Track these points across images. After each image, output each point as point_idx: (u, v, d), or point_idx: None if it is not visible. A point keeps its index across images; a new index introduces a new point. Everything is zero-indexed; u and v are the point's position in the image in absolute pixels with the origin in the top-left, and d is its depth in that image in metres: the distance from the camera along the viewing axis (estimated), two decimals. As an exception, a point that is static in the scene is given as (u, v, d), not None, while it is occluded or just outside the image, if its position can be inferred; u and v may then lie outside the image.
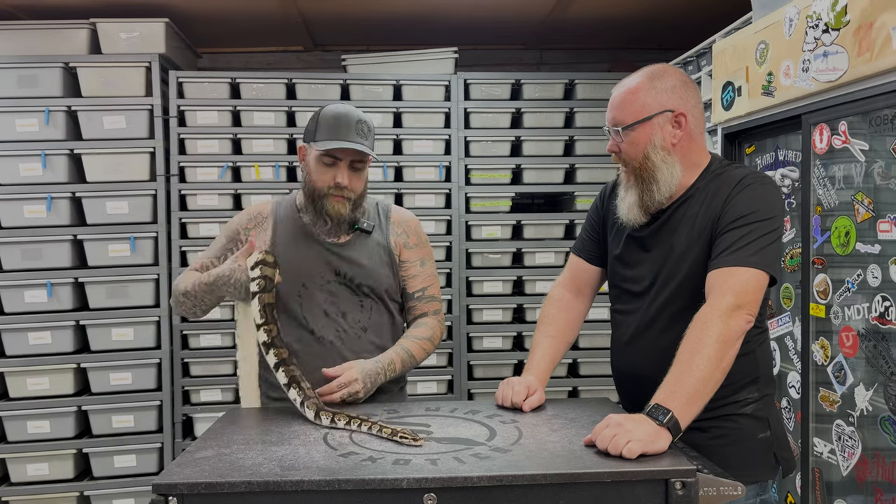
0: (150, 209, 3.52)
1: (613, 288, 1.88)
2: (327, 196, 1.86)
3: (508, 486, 1.31)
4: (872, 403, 1.94)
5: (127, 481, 3.49)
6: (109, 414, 3.49)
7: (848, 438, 2.02)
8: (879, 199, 1.90)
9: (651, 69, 1.73)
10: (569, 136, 3.77)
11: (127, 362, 3.50)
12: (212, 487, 1.28)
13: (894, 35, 1.73)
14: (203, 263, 1.98)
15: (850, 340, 2.01)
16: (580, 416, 1.69)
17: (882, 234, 1.87)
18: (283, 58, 4.48)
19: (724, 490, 1.38)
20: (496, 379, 3.75)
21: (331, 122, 1.85)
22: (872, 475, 1.93)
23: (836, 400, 2.07)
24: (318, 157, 1.86)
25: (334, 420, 1.62)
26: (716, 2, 3.50)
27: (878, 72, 1.79)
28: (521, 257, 3.78)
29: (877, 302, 1.89)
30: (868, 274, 1.93)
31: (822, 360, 2.13)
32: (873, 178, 1.93)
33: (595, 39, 4.35)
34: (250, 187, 3.60)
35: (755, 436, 1.71)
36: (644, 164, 1.70)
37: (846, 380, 2.03)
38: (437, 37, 4.13)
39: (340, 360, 1.88)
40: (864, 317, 1.95)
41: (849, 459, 2.02)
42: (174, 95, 3.56)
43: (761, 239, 1.58)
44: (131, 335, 3.52)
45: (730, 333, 1.50)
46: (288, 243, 1.92)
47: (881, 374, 1.90)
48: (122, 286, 3.51)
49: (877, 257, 1.90)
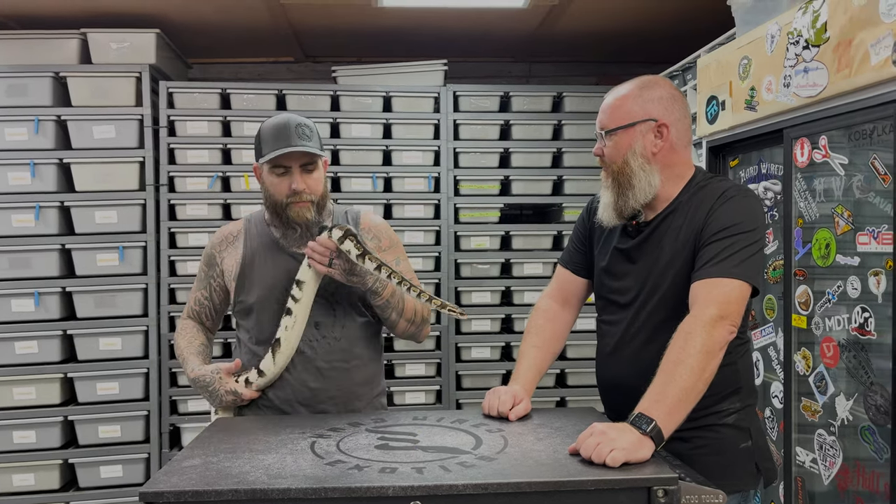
0: (139, 218, 3.53)
1: (600, 299, 1.90)
2: (289, 205, 1.88)
3: (493, 494, 1.32)
4: (853, 413, 1.96)
5: (113, 492, 3.48)
6: (96, 424, 3.47)
7: (829, 448, 2.05)
8: (859, 212, 1.94)
9: (643, 79, 1.76)
10: (557, 149, 3.80)
11: (114, 372, 3.49)
12: (198, 496, 1.29)
13: (872, 52, 1.77)
14: (196, 299, 2.06)
15: (830, 351, 2.04)
16: (565, 426, 1.71)
17: (861, 247, 1.90)
18: (274, 69, 4.50)
19: (706, 499, 1.40)
20: (484, 389, 3.74)
21: (271, 133, 1.88)
22: (853, 484, 1.96)
23: (817, 410, 2.10)
24: (269, 171, 1.89)
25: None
26: (701, 16, 3.55)
27: (857, 87, 1.83)
28: (510, 268, 3.80)
29: (856, 313, 1.93)
30: (848, 285, 1.97)
31: (804, 371, 2.16)
32: (853, 191, 1.96)
33: (583, 53, 4.40)
34: (240, 197, 3.61)
35: (737, 446, 1.73)
36: (623, 169, 1.73)
37: (827, 390, 2.06)
38: (426, 49, 4.17)
39: (314, 370, 1.90)
40: (844, 327, 1.98)
41: (830, 469, 2.04)
42: (164, 105, 3.57)
43: (744, 250, 1.60)
44: (119, 345, 3.52)
45: (713, 344, 1.52)
46: (260, 258, 1.95)
47: (861, 384, 1.93)
48: (111, 295, 3.51)
49: (856, 269, 1.93)
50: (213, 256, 2.00)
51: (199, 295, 2.04)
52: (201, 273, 2.03)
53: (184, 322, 2.09)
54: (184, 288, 3.56)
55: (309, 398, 1.90)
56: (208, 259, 2.02)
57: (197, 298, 2.05)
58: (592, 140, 3.75)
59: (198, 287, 2.05)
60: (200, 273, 2.04)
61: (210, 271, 2.00)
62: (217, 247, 2.00)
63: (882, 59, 1.73)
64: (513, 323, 3.80)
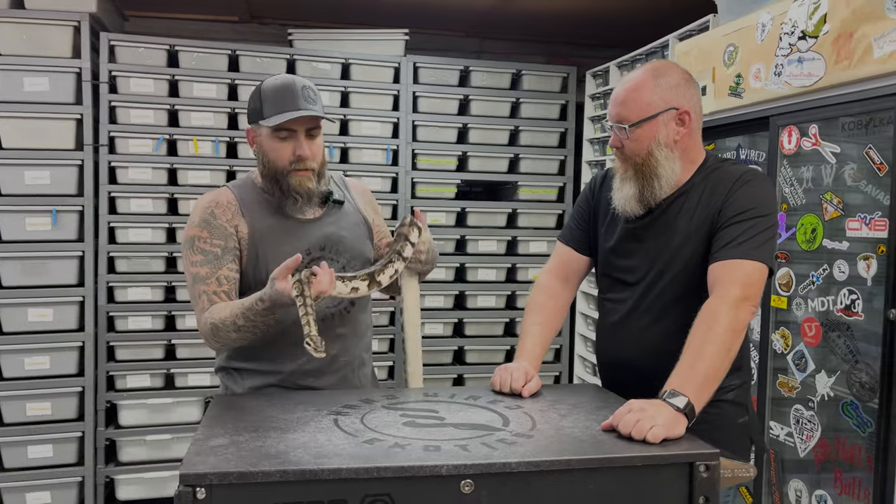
0: (75, 181, 3.26)
1: (605, 277, 1.91)
2: (290, 173, 1.76)
3: (545, 472, 1.31)
4: (833, 389, 2.08)
5: (43, 473, 3.24)
6: (23, 401, 3.22)
7: (807, 422, 2.16)
8: (849, 199, 2.04)
9: (654, 65, 1.76)
10: (514, 126, 3.80)
11: (45, 345, 3.23)
12: (244, 477, 1.21)
13: (875, 45, 1.85)
14: (221, 278, 1.75)
15: (812, 330, 2.14)
16: (581, 402, 1.71)
17: (851, 232, 2.00)
18: (215, 27, 4.25)
19: (738, 472, 1.45)
20: (436, 365, 3.76)
21: (275, 94, 1.75)
22: (832, 456, 2.07)
23: (795, 386, 2.21)
24: (271, 135, 1.76)
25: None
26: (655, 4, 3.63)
27: (858, 79, 1.91)
28: (465, 244, 3.79)
29: (843, 295, 2.03)
30: (835, 269, 2.07)
31: (783, 349, 2.27)
32: (843, 179, 2.06)
33: (535, 32, 4.40)
34: (187, 162, 3.40)
35: (735, 420, 1.79)
36: (647, 161, 1.72)
37: (807, 367, 2.17)
38: (380, 18, 4.05)
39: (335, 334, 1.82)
40: (828, 308, 2.09)
41: (807, 441, 2.16)
42: (105, 59, 3.31)
43: (763, 234, 1.64)
44: (50, 316, 3.26)
45: (738, 323, 1.56)
46: (266, 225, 1.81)
47: (845, 363, 2.04)
48: (41, 263, 3.24)
49: (844, 254, 2.03)
50: (223, 227, 1.77)
51: (224, 273, 1.76)
52: (215, 249, 1.76)
53: (210, 312, 1.74)
54: (122, 256, 3.34)
55: (326, 364, 1.81)
56: (219, 230, 1.77)
57: (223, 277, 1.75)
58: (550, 119, 3.82)
59: (217, 265, 1.76)
60: (213, 249, 1.77)
61: (228, 243, 1.77)
62: (222, 215, 1.78)
63: (887, 53, 1.81)
64: (466, 300, 3.80)
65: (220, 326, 1.69)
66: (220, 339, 1.73)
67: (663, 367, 1.54)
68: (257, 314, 1.64)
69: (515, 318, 3.81)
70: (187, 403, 3.45)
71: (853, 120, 2.00)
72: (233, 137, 3.46)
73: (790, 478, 2.24)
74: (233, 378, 1.87)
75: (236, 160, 3.47)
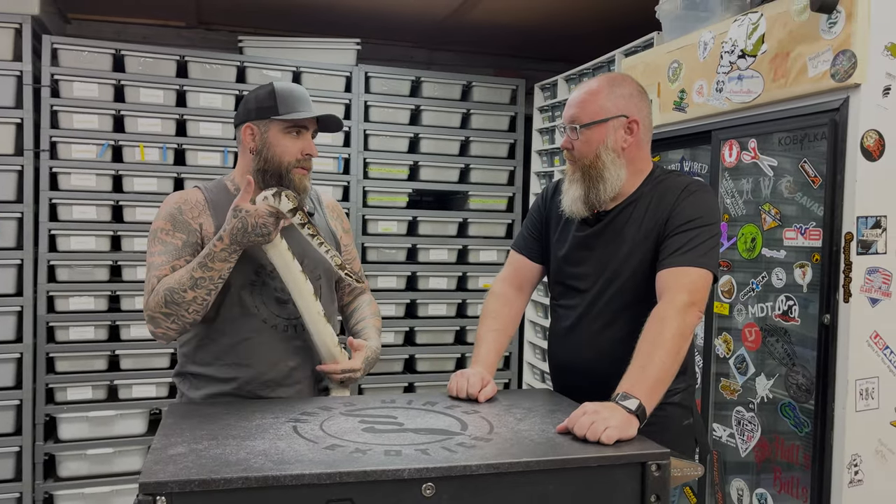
0: (14, 187, 3.16)
1: (558, 285, 1.96)
2: (293, 169, 1.82)
3: (504, 474, 1.34)
4: (772, 392, 2.17)
5: (-23, 490, 3.12)
6: (-43, 415, 3.10)
7: (748, 423, 2.25)
8: (786, 210, 2.14)
9: (611, 76, 1.83)
10: (465, 137, 3.85)
11: (-20, 357, 3.12)
12: (206, 484, 1.20)
13: (810, 65, 1.95)
14: (176, 268, 1.76)
15: (752, 335, 2.24)
16: (535, 406, 1.75)
17: (788, 242, 2.10)
18: (161, 32, 4.18)
19: (687, 471, 1.51)
20: (387, 374, 3.76)
21: (290, 95, 1.83)
22: (772, 455, 2.17)
23: (737, 388, 2.30)
24: (282, 131, 1.81)
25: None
26: (601, 21, 3.75)
27: (794, 96, 2.02)
28: (416, 253, 3.81)
29: (780, 301, 2.13)
30: (773, 276, 2.17)
31: (725, 353, 2.36)
32: (781, 191, 2.16)
33: (484, 44, 4.47)
34: (133, 168, 3.34)
35: (681, 423, 1.86)
36: (594, 163, 1.79)
37: (748, 370, 2.26)
38: (330, 27, 4.06)
39: (293, 347, 1.83)
40: (767, 314, 2.19)
41: (748, 442, 2.25)
42: (48, 63, 3.22)
43: (707, 242, 1.72)
44: (-13, 326, 3.15)
45: (685, 328, 1.63)
46: None
47: (783, 366, 2.13)
48: (-23, 271, 3.13)
49: (782, 262, 2.13)
50: (187, 223, 1.79)
51: (181, 264, 1.76)
52: (175, 241, 1.78)
53: (160, 284, 1.73)
54: (64, 265, 3.25)
55: (283, 376, 1.82)
56: (183, 225, 1.79)
57: (178, 266, 1.76)
58: (499, 131, 3.89)
59: (174, 255, 1.77)
60: (174, 241, 1.78)
61: (189, 238, 1.78)
62: (188, 212, 1.80)
63: (821, 72, 1.92)
64: (417, 308, 3.82)
65: (175, 289, 1.69)
66: (172, 312, 1.70)
67: (614, 370, 1.59)
68: (215, 258, 1.69)
69: (466, 326, 3.85)
70: (131, 416, 3.37)
71: (789, 135, 2.11)
72: (181, 144, 3.41)
73: (732, 478, 2.33)
74: (189, 383, 1.87)
75: (184, 167, 3.42)
